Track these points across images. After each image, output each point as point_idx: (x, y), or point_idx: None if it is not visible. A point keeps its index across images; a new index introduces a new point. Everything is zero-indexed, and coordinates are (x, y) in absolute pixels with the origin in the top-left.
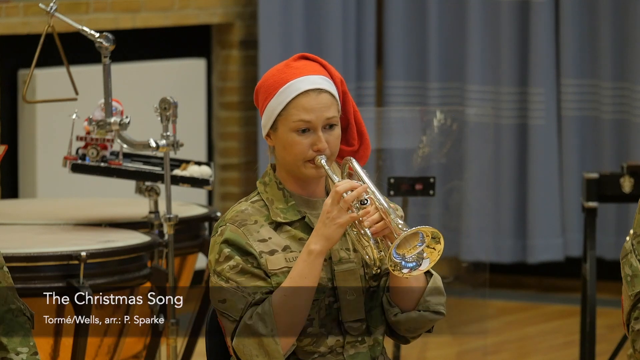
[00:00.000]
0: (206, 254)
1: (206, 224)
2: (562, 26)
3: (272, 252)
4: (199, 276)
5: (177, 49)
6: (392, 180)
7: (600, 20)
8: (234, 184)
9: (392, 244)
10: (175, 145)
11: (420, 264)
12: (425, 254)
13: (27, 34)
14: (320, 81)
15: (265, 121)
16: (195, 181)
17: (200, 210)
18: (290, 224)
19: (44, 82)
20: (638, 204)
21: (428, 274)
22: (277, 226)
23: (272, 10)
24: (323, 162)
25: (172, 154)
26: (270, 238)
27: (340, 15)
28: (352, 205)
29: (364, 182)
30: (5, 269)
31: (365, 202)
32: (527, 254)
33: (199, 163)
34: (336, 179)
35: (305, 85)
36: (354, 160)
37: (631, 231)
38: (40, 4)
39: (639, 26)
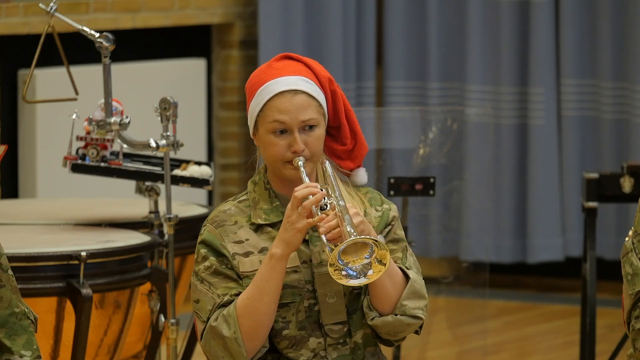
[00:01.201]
0: None
1: None
2: (562, 26)
3: (247, 254)
4: None
5: (177, 49)
6: (392, 180)
7: (600, 20)
8: (234, 184)
9: (336, 247)
10: (175, 145)
11: (359, 278)
12: (371, 271)
13: (27, 34)
14: (298, 82)
15: (249, 121)
16: (195, 181)
17: (200, 210)
18: (272, 225)
19: (44, 82)
20: (638, 204)
21: (405, 276)
22: (257, 227)
23: (272, 10)
24: (300, 163)
25: (172, 154)
26: (247, 239)
27: (340, 15)
28: (314, 210)
29: (332, 186)
30: (10, 272)
31: (325, 207)
32: (527, 254)
33: (199, 163)
34: (307, 181)
35: (280, 87)
36: (327, 162)
37: (631, 231)
38: (40, 4)
39: (639, 26)
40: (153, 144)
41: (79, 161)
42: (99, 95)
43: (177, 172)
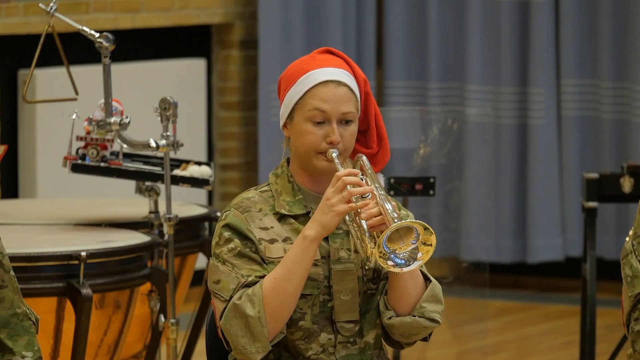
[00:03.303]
0: (206, 254)
1: (206, 224)
2: (562, 26)
3: (272, 241)
4: (199, 276)
5: (177, 49)
6: (392, 180)
7: (600, 20)
8: (234, 184)
9: (382, 234)
10: (175, 145)
11: (410, 265)
12: (419, 254)
13: (27, 34)
14: (341, 74)
15: (283, 110)
16: (195, 181)
17: (200, 210)
18: (294, 217)
19: (44, 82)
20: (638, 204)
21: (427, 280)
22: (281, 217)
23: (272, 10)
24: (334, 155)
25: (172, 154)
26: (272, 227)
27: (340, 15)
28: (352, 198)
29: (372, 177)
30: (12, 272)
31: (367, 195)
32: (527, 254)
33: (199, 163)
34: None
35: (324, 76)
36: (364, 157)
37: (631, 231)
38: (40, 4)
39: (639, 26)
40: (153, 144)
41: (79, 161)
42: (99, 95)
43: (177, 172)
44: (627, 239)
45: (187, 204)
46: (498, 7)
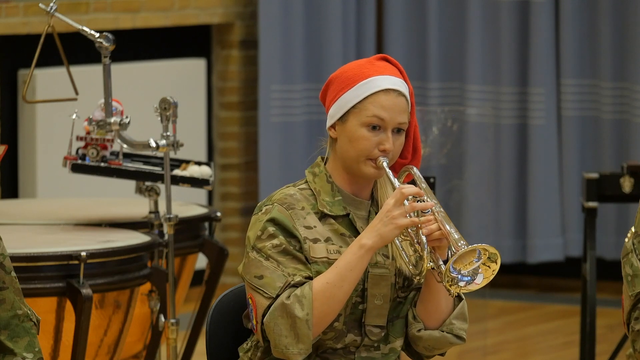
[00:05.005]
0: (206, 254)
1: (206, 224)
2: (562, 26)
3: (315, 241)
4: (199, 276)
5: (177, 49)
6: None
7: (600, 20)
8: (234, 184)
9: (450, 258)
10: (175, 145)
11: (475, 279)
12: (479, 269)
13: (27, 34)
14: (400, 84)
15: (335, 111)
16: (195, 181)
17: (200, 210)
18: (334, 217)
19: (44, 82)
20: (639, 204)
21: (458, 297)
22: (321, 216)
23: (272, 10)
24: (385, 164)
25: (172, 154)
26: (315, 226)
27: (340, 15)
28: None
29: (430, 194)
30: (13, 274)
31: (427, 211)
32: (527, 254)
33: (199, 163)
34: (397, 183)
35: (387, 84)
36: (415, 168)
37: (630, 232)
38: (40, 4)
39: (639, 26)
40: (153, 144)
41: (79, 161)
42: (99, 95)
43: (177, 172)
44: (627, 238)
45: (187, 204)
46: (498, 7)
